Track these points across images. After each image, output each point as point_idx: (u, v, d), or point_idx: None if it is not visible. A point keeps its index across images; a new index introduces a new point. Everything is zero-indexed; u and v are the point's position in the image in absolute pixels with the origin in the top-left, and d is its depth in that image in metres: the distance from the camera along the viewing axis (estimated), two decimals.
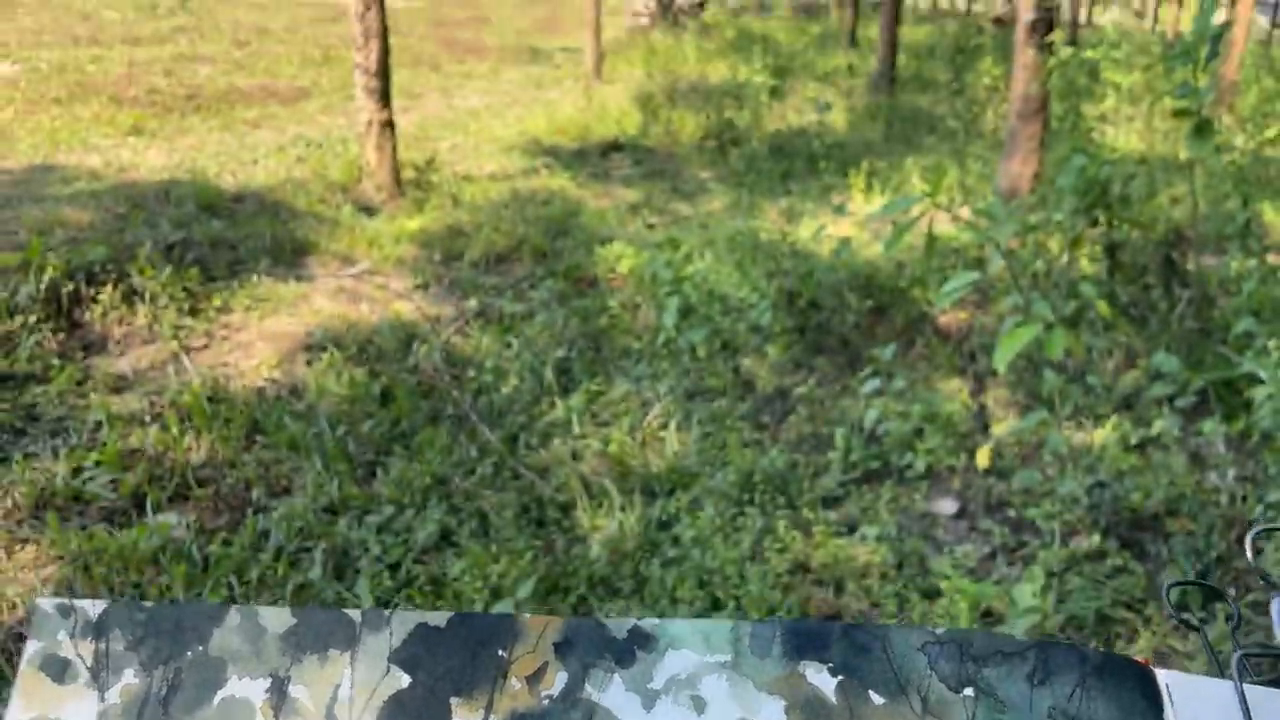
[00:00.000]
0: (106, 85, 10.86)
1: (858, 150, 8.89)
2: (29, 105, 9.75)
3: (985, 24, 16.25)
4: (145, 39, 15.40)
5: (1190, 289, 4.25)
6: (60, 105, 9.85)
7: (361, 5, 6.69)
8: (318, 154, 7.56)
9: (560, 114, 10.69)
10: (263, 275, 5.29)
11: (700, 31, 19.06)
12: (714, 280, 4.99)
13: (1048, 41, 5.46)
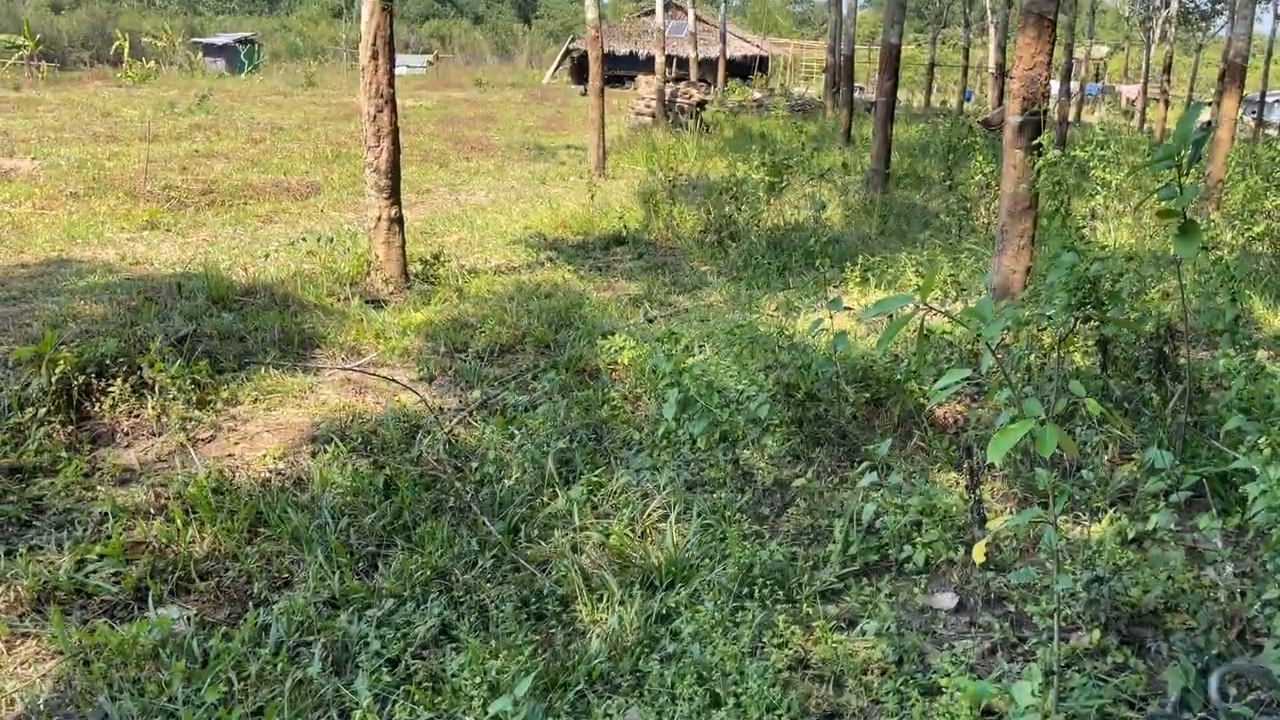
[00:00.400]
0: (124, 181, 11.14)
1: (854, 245, 9.08)
2: (47, 200, 10.00)
3: (975, 124, 16.67)
4: (163, 136, 15.83)
5: (1182, 383, 4.31)
6: (78, 200, 10.11)
7: (374, 108, 6.93)
8: (327, 248, 7.73)
9: (564, 209, 10.95)
10: (271, 367, 5.38)
11: (700, 130, 19.59)
12: (713, 372, 5.07)
13: (1036, 144, 5.64)
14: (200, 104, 20.82)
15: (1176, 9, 28.46)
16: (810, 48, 56.11)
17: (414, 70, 45.98)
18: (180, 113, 19.87)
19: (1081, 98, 35.49)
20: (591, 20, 14.81)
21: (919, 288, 2.83)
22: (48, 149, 13.69)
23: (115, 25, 46.26)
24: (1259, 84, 31.92)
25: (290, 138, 16.97)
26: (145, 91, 25.86)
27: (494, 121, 23.15)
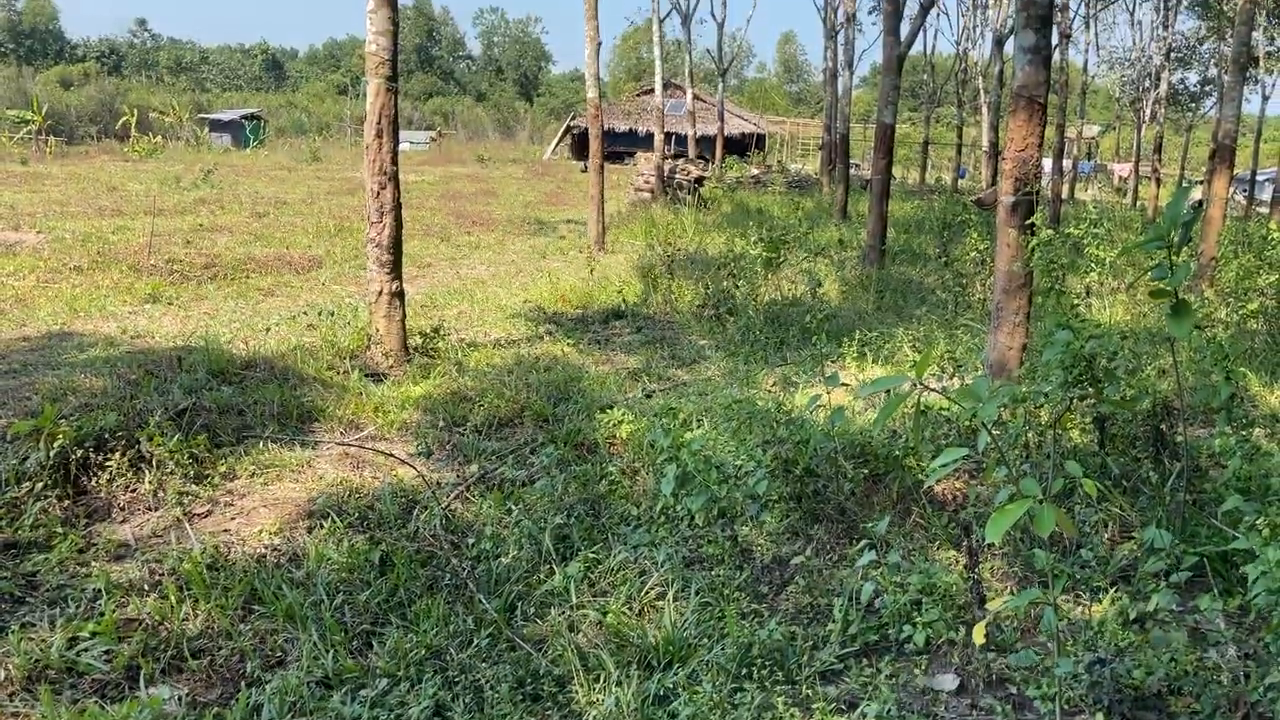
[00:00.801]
0: (127, 254, 11.26)
1: (850, 320, 9.15)
2: (51, 274, 10.09)
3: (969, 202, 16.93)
4: (168, 210, 16.05)
5: (1180, 461, 4.32)
6: (81, 274, 10.19)
7: (377, 185, 7.04)
8: (328, 322, 7.78)
9: (564, 283, 11.04)
10: (269, 441, 5.38)
11: (699, 205, 19.87)
12: (712, 448, 5.07)
13: (1029, 223, 5.74)
14: (205, 179, 21.14)
15: (1166, 91, 29.09)
16: (806, 125, 57.22)
17: (417, 146, 46.79)
18: (185, 187, 20.16)
19: (1074, 175, 36.06)
20: (592, 99, 15.13)
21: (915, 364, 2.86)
22: (53, 223, 13.87)
23: (124, 101, 47.23)
24: (1249, 163, 32.47)
25: (294, 212, 17.19)
26: (151, 166, 26.28)
27: (495, 196, 23.48)
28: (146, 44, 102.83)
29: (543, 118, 74.84)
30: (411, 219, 16.38)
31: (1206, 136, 43.28)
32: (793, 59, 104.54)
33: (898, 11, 13.06)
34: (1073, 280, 9.82)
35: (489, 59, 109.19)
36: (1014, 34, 6.07)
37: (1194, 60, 39.20)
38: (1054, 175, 21.49)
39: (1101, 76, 43.40)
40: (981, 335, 7.36)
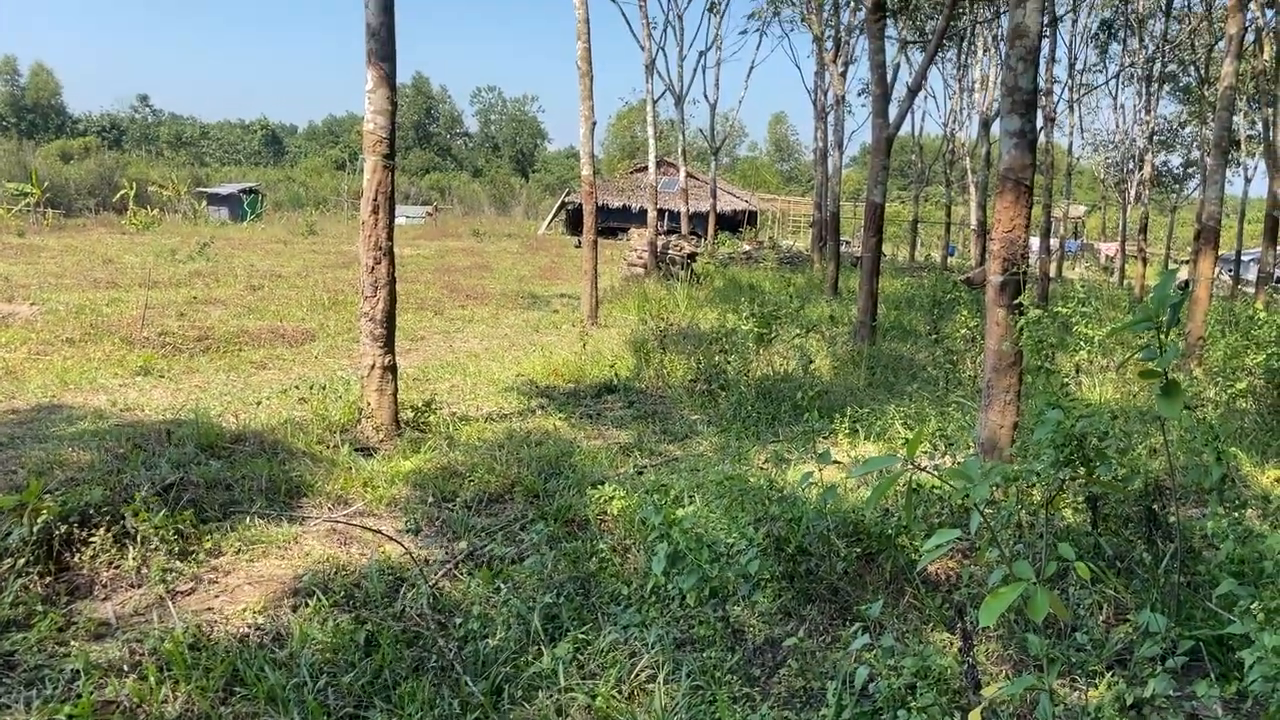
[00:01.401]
0: (120, 326, 11.27)
1: (842, 396, 9.17)
2: (43, 345, 10.08)
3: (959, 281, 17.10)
4: (163, 282, 16.12)
5: (1173, 542, 4.29)
6: (73, 345, 10.19)
7: (371, 260, 7.10)
8: (320, 395, 7.77)
9: (557, 357, 11.07)
10: (256, 517, 5.32)
11: (691, 281, 20.04)
12: (703, 525, 5.03)
13: (1017, 303, 5.79)
14: (201, 251, 21.30)
15: (1150, 173, 29.68)
16: (798, 203, 58.08)
17: (413, 220, 47.28)
18: (181, 260, 20.30)
19: (1061, 254, 36.55)
20: (586, 177, 15.36)
21: (907, 442, 2.87)
22: (47, 294, 13.92)
23: (123, 175, 47.79)
24: (1234, 243, 32.96)
25: (288, 285, 17.28)
26: (148, 239, 26.48)
27: (490, 270, 23.66)
28: (148, 119, 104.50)
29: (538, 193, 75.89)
30: (406, 292, 16.49)
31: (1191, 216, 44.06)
32: (784, 138, 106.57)
33: (886, 95, 13.37)
34: (1062, 359, 9.87)
35: (486, 136, 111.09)
36: (999, 118, 6.21)
37: (1176, 143, 40.08)
38: (1041, 254, 21.77)
39: (1086, 158, 44.32)
40: (973, 412, 7.37)
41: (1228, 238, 32.85)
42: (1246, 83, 24.64)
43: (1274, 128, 19.79)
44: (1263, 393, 8.50)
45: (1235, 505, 4.01)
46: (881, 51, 13.34)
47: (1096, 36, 31.57)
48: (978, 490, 2.90)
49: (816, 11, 26.93)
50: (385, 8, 7.04)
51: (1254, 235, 34.72)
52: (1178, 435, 6.06)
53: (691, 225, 33.86)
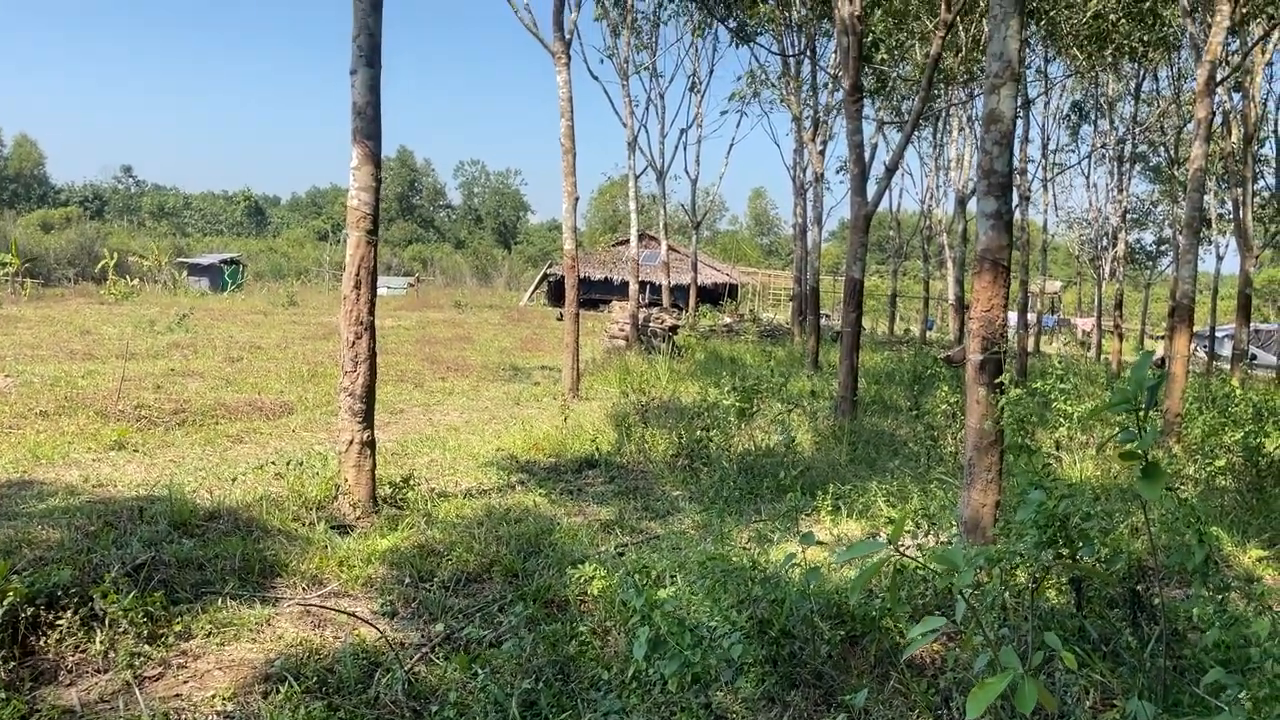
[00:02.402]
0: (95, 399, 11.15)
1: (824, 472, 9.14)
2: (16, 419, 9.95)
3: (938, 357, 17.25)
4: (140, 354, 16.01)
5: (1159, 625, 4.26)
6: (47, 419, 10.06)
7: (352, 334, 7.08)
8: (296, 471, 7.67)
9: (537, 430, 11.01)
10: (228, 598, 5.20)
11: (672, 353, 20.11)
12: (685, 607, 4.96)
13: (997, 382, 5.83)
14: (180, 322, 21.22)
15: (1124, 250, 30.24)
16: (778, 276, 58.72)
17: (394, 291, 47.45)
18: (159, 331, 20.20)
19: (1039, 329, 36.98)
20: (569, 250, 15.48)
21: (890, 521, 2.85)
22: (22, 366, 13.78)
23: (103, 244, 47.81)
24: (1208, 318, 33.47)
25: (267, 356, 17.20)
26: (127, 309, 26.39)
27: (471, 342, 23.66)
28: (130, 189, 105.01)
29: (520, 265, 76.44)
30: (386, 364, 16.43)
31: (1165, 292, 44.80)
32: (764, 213, 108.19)
33: (864, 174, 13.62)
34: (1042, 435, 9.91)
35: (469, 208, 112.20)
36: (976, 200, 6.32)
37: (1149, 221, 40.95)
38: (1019, 329, 22.02)
39: (1061, 235, 45.14)
40: (955, 490, 7.36)
41: (1202, 314, 33.40)
42: (1216, 164, 25.30)
43: (1243, 208, 20.27)
44: (1242, 470, 8.53)
45: (1219, 588, 3.98)
46: (859, 131, 13.62)
47: (1068, 118, 32.45)
48: (962, 577, 2.88)
49: (795, 92, 27.56)
50: (371, 87, 7.14)
51: (1227, 311, 35.27)
52: (1159, 515, 6.06)
53: (673, 298, 34.12)
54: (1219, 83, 13.11)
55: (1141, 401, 3.99)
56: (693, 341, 22.76)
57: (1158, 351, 23.17)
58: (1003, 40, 5.94)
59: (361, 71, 7.12)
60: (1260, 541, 7.05)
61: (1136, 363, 4.08)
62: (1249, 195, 20.65)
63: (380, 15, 7.19)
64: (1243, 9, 14.90)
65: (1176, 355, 11.03)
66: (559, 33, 14.89)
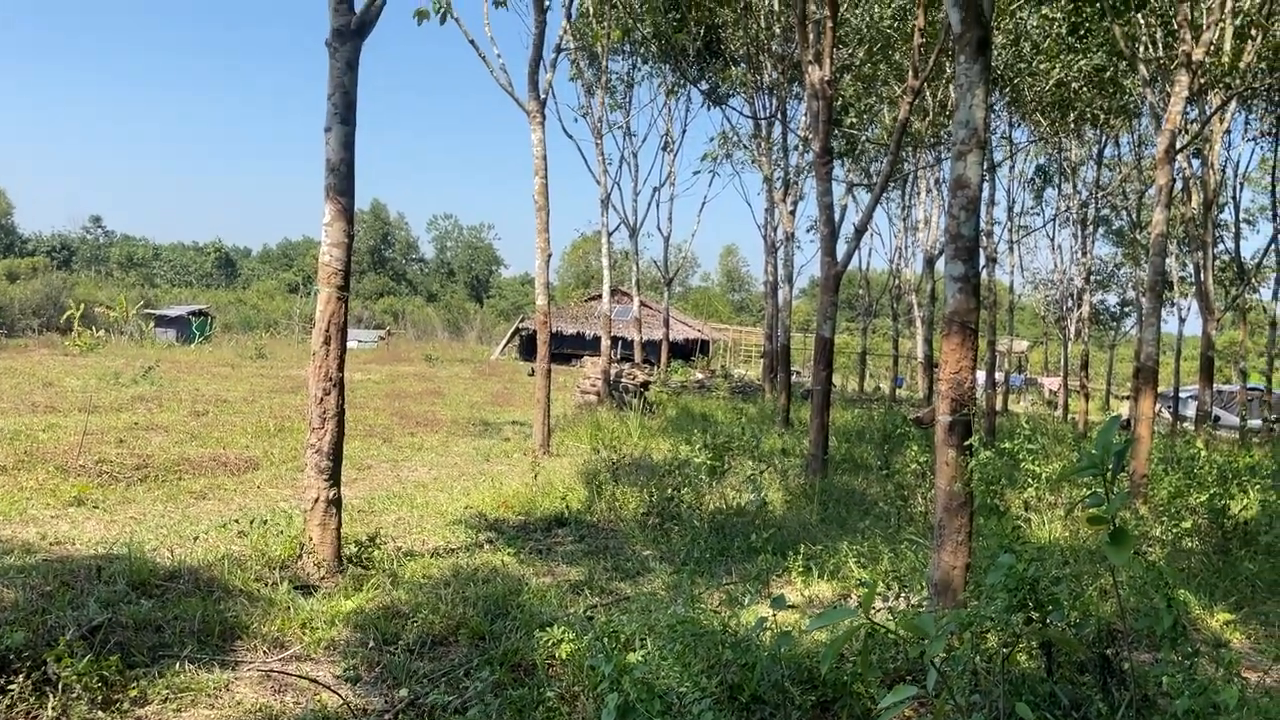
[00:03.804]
0: (56, 454, 10.94)
1: (795, 531, 9.10)
2: None
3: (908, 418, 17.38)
4: (104, 407, 15.77)
5: (1129, 690, 4.25)
6: (5, 474, 9.86)
7: (321, 391, 7.02)
8: (260, 529, 7.54)
9: (507, 488, 10.92)
10: (186, 662, 5.07)
11: (644, 409, 20.08)
12: (655, 672, 4.88)
13: (967, 444, 5.85)
14: (146, 375, 20.95)
15: (1088, 311, 30.75)
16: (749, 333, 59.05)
17: (365, 345, 47.21)
18: (124, 383, 19.93)
19: (1007, 388, 37.35)
20: (541, 306, 15.51)
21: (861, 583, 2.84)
22: None
23: (70, 295, 47.33)
24: (1171, 379, 33.98)
25: (234, 410, 17.00)
26: (91, 361, 26.04)
27: (441, 396, 23.52)
28: (99, 240, 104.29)
29: (492, 319, 76.37)
30: (354, 419, 16.27)
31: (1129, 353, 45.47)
32: (735, 270, 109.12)
33: (834, 234, 13.79)
34: (1011, 495, 9.95)
35: (441, 262, 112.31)
36: (944, 263, 6.41)
37: (1112, 283, 41.72)
38: (987, 388, 22.23)
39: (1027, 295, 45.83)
40: (925, 551, 7.34)
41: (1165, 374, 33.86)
42: (1177, 228, 25.88)
43: (1205, 271, 20.70)
44: (1208, 532, 8.60)
45: (1187, 654, 3.98)
46: (829, 193, 13.82)
47: (1033, 182, 33.12)
48: (933, 646, 2.86)
49: (766, 154, 27.99)
50: (345, 144, 7.17)
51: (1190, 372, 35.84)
52: (1128, 577, 6.07)
53: (645, 353, 34.20)
54: (1179, 150, 13.47)
55: (1108, 466, 4.02)
56: (664, 397, 22.77)
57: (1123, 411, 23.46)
58: (969, 109, 6.07)
59: (336, 128, 7.15)
60: (1227, 604, 7.08)
61: (1103, 427, 4.12)
62: (1209, 259, 21.12)
63: (355, 73, 7.25)
64: (1201, 80, 15.36)
65: (1142, 417, 11.16)
66: (534, 92, 15.07)
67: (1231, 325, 34.51)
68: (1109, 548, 3.87)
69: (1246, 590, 7.62)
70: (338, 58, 7.18)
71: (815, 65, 13.48)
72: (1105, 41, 17.75)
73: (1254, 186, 35.79)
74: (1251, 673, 5.73)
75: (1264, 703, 4.64)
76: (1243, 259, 26.65)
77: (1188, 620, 6.18)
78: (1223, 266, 27.09)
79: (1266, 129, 26.92)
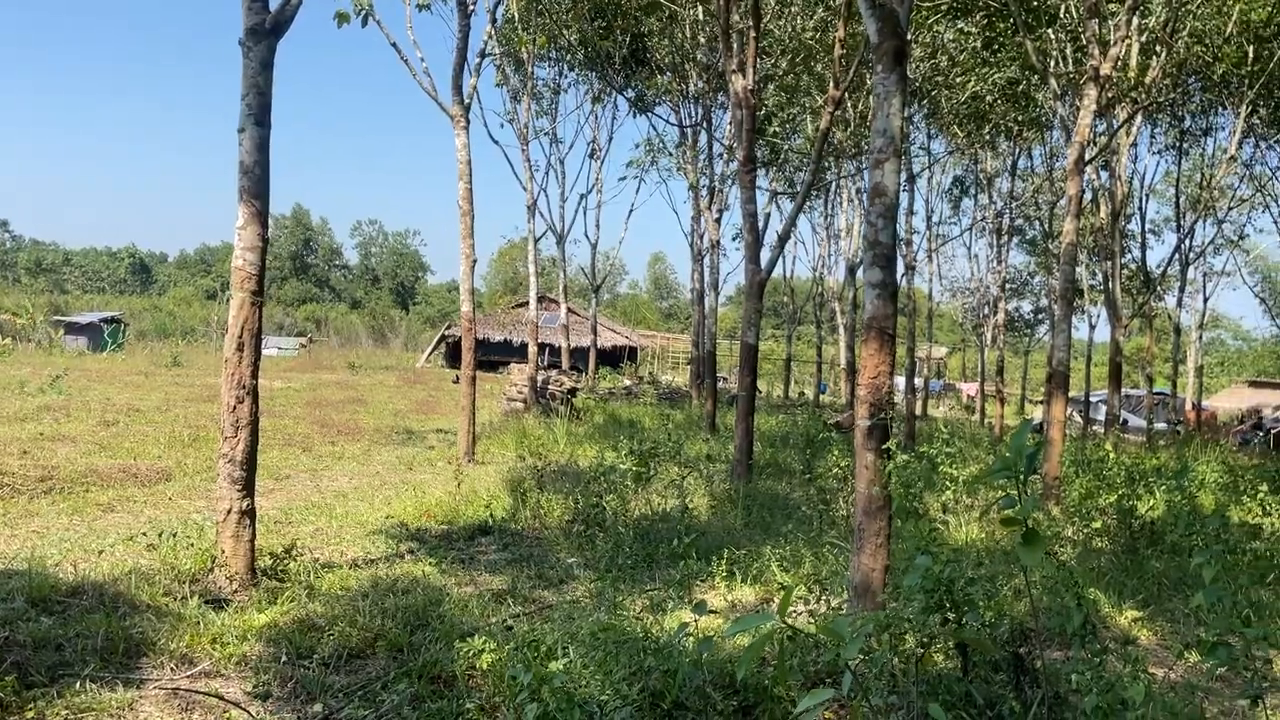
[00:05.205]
0: None
1: (719, 536, 9.14)
2: None
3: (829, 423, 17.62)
4: (7, 417, 15.14)
5: (1041, 688, 4.33)
6: None
7: (234, 399, 6.82)
8: (170, 542, 7.29)
9: (429, 496, 10.75)
10: (88, 681, 4.86)
11: (571, 416, 20.00)
12: (576, 680, 4.83)
13: (885, 447, 5.94)
14: (53, 384, 20.17)
15: (1003, 318, 31.58)
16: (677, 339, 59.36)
17: (285, 352, 46.20)
18: (30, 393, 19.16)
19: (926, 394, 38.12)
20: (466, 313, 15.35)
21: (783, 586, 2.84)
22: None
23: None
24: (1083, 384, 35.05)
25: (146, 420, 16.46)
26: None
27: (364, 404, 23.12)
28: (6, 244, 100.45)
29: (418, 326, 75.45)
30: (273, 428, 15.90)
31: (1043, 359, 46.84)
32: (663, 277, 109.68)
33: (758, 242, 13.92)
34: (930, 498, 10.13)
35: (366, 268, 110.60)
36: (862, 268, 6.49)
37: (1027, 291, 42.95)
38: (907, 394, 22.65)
39: (946, 303, 46.89)
40: (846, 554, 7.43)
41: (1077, 380, 34.95)
42: (1087, 238, 26.73)
43: (1113, 280, 21.39)
44: (1116, 532, 8.86)
45: (1096, 652, 4.08)
46: (753, 201, 13.95)
47: (950, 192, 33.96)
48: (849, 649, 2.88)
49: (692, 162, 28.17)
50: (260, 146, 6.99)
51: (1100, 377, 36.96)
52: (1040, 577, 6.22)
53: (573, 360, 34.08)
54: (1088, 162, 13.91)
55: (1021, 469, 4.10)
56: (592, 404, 22.70)
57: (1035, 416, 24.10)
58: (886, 118, 6.17)
59: (250, 130, 6.97)
60: (1135, 602, 7.30)
61: (1016, 430, 4.21)
62: (1117, 268, 21.83)
63: (270, 73, 7.08)
64: (1108, 94, 15.90)
65: (1054, 420, 11.47)
66: (458, 97, 14.92)
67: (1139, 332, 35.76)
68: (1021, 548, 3.94)
69: (1153, 588, 7.87)
70: (252, 57, 7.00)
71: (739, 74, 13.61)
72: (1018, 56, 18.28)
73: (1159, 198, 37.27)
74: (1158, 668, 5.90)
75: (1169, 698, 4.78)
76: (1148, 268, 27.65)
77: (1097, 618, 6.36)
78: (1130, 275, 28.05)
79: (1170, 143, 28.02)
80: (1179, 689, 5.27)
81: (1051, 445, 11.18)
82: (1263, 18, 18.54)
